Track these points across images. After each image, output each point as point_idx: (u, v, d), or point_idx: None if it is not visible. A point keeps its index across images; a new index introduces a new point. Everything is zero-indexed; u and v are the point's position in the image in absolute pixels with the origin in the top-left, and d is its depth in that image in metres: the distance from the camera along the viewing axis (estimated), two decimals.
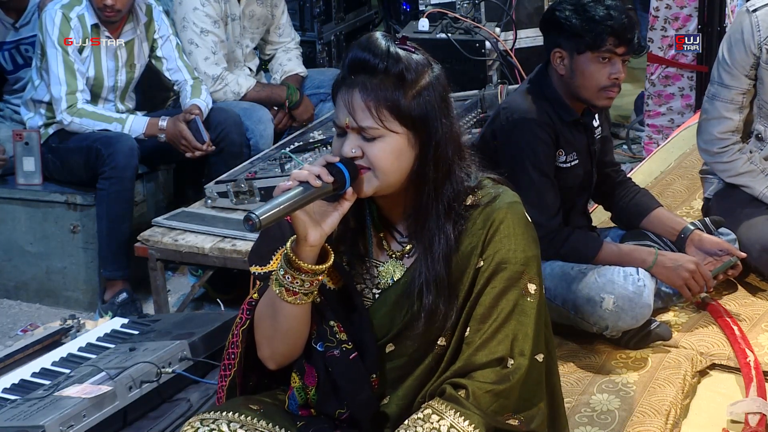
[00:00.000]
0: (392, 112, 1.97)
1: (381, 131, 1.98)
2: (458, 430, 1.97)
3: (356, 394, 2.08)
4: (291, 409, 2.17)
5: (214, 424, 2.03)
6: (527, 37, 5.20)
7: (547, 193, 3.01)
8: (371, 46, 2.01)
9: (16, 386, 2.83)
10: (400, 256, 2.11)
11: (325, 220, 1.96)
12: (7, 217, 4.50)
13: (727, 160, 3.52)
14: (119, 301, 4.23)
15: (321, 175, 1.93)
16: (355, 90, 1.98)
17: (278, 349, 2.08)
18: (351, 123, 1.98)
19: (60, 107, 4.33)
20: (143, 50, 4.57)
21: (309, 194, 1.92)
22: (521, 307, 2.04)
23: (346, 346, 2.07)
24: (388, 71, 1.98)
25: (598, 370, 3.00)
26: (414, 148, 2.01)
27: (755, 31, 3.41)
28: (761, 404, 2.76)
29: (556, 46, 3.04)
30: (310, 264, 1.97)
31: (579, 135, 3.13)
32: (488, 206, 2.06)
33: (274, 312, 2.03)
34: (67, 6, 4.34)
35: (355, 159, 1.98)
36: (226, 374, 2.17)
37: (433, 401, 2.02)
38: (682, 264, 3.06)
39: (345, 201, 1.97)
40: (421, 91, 1.99)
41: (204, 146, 4.38)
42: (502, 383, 2.01)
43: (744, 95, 3.48)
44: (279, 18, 5.20)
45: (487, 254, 2.05)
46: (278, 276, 1.99)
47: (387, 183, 2.00)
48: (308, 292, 2.00)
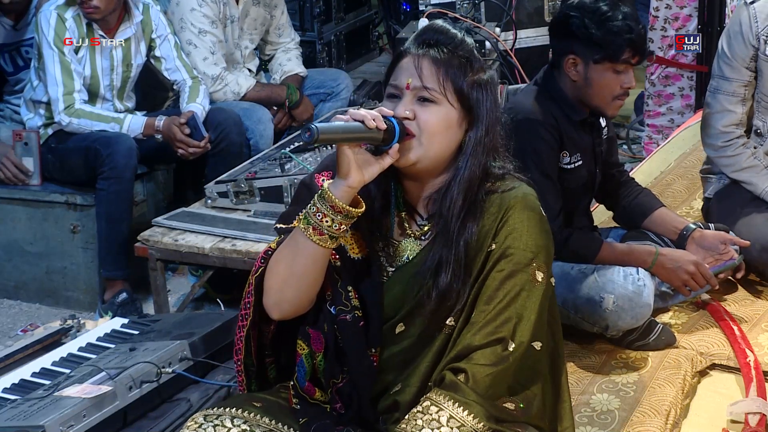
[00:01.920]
0: (455, 85, 2.08)
1: (439, 97, 2.07)
2: (457, 420, 1.98)
3: (360, 360, 2.11)
4: (299, 381, 2.18)
5: (218, 420, 2.06)
6: (527, 37, 5.20)
7: (549, 194, 3.01)
8: (446, 30, 2.13)
9: (16, 386, 2.83)
10: (419, 235, 2.15)
11: (366, 168, 2.01)
12: (7, 217, 4.50)
13: (731, 154, 3.52)
14: (119, 301, 4.23)
15: (377, 120, 1.99)
16: (425, 57, 2.09)
17: (287, 294, 2.08)
18: (414, 82, 2.07)
19: (57, 108, 4.33)
20: (140, 50, 4.56)
21: (362, 132, 1.99)
22: (527, 292, 2.07)
23: (358, 313, 2.11)
24: (457, 52, 2.10)
25: (598, 370, 3.00)
26: (460, 129, 2.10)
27: (753, 22, 3.43)
28: (761, 404, 2.76)
29: (570, 53, 3.03)
30: (345, 204, 2.00)
31: (585, 135, 3.13)
32: (505, 193, 2.12)
33: (294, 253, 2.05)
34: (62, 6, 4.34)
35: (405, 120, 2.05)
36: (243, 324, 2.18)
37: (432, 392, 2.04)
38: (682, 265, 3.06)
39: (387, 156, 2.03)
40: (481, 81, 2.11)
41: (202, 143, 4.38)
42: (500, 364, 2.03)
43: (746, 87, 3.49)
44: (278, 18, 5.20)
45: (498, 238, 2.09)
46: (308, 214, 2.02)
47: (428, 154, 2.07)
48: (334, 235, 2.02)
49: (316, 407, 2.18)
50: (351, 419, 2.15)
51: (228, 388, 2.81)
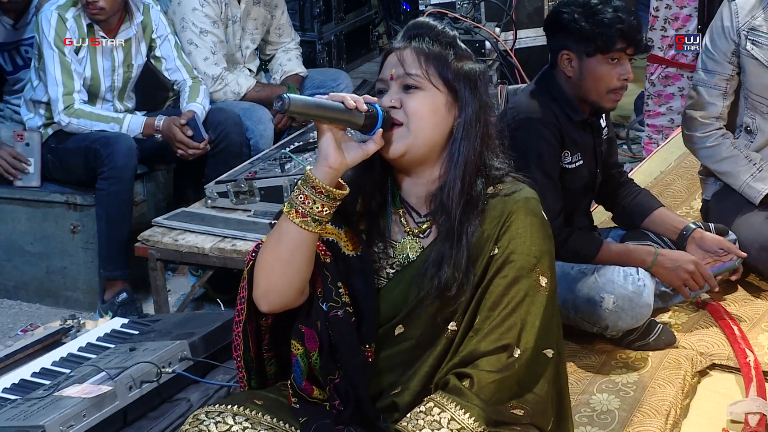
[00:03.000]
0: (438, 71, 2.09)
1: (424, 83, 2.08)
2: (458, 422, 1.98)
3: (352, 356, 2.10)
4: (296, 381, 2.17)
5: (219, 417, 2.06)
6: (527, 37, 5.20)
7: (549, 194, 3.01)
8: (427, 23, 2.16)
9: (16, 386, 2.83)
10: (417, 233, 2.15)
11: (348, 151, 2.02)
12: (7, 217, 4.50)
13: (710, 145, 3.55)
14: (119, 301, 4.23)
15: (357, 101, 2.00)
16: (408, 48, 2.12)
17: (273, 282, 2.06)
18: (397, 71, 2.10)
19: (57, 108, 4.33)
20: (141, 50, 4.56)
21: (340, 111, 2.00)
22: (531, 298, 2.07)
23: (349, 309, 2.10)
24: (440, 40, 2.12)
25: (598, 370, 3.00)
26: (450, 114, 2.10)
27: (734, 17, 3.51)
28: (761, 404, 2.76)
29: (564, 49, 3.04)
30: (326, 185, 2.00)
31: (586, 135, 3.13)
32: (507, 197, 2.12)
33: (278, 239, 2.04)
34: (63, 7, 4.34)
35: (392, 110, 2.07)
36: (240, 319, 2.18)
37: (436, 394, 2.04)
38: (682, 265, 3.06)
39: (371, 143, 2.03)
40: (466, 69, 2.12)
41: (201, 144, 4.38)
42: (506, 371, 2.02)
43: (728, 81, 3.53)
44: (279, 18, 5.20)
45: (501, 243, 2.09)
46: (292, 197, 2.03)
47: (418, 143, 2.07)
48: (317, 218, 2.01)
49: (316, 406, 2.18)
50: (351, 418, 2.14)
51: (228, 388, 2.81)
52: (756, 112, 3.53)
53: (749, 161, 3.51)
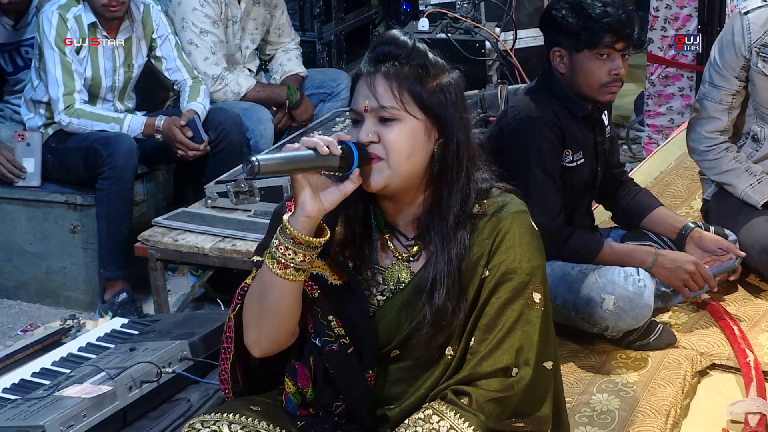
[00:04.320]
0: (413, 96, 1.99)
1: (400, 113, 1.99)
2: (457, 431, 1.97)
3: (353, 386, 2.08)
4: (289, 410, 2.16)
5: (215, 426, 2.03)
6: (527, 37, 5.20)
7: (550, 193, 3.01)
8: (395, 40, 2.04)
9: (16, 386, 2.83)
10: (407, 258, 2.10)
11: (325, 196, 1.94)
12: (7, 217, 4.50)
13: (713, 158, 3.54)
14: (119, 301, 4.23)
15: (330, 146, 1.92)
16: (378, 75, 2.00)
17: (264, 332, 2.03)
18: (371, 104, 1.99)
19: (58, 108, 4.33)
20: (141, 50, 4.57)
21: (313, 160, 1.91)
22: (526, 317, 2.05)
23: (344, 341, 2.07)
24: (412, 61, 2.01)
25: (598, 370, 3.00)
26: (430, 140, 2.01)
27: (746, 33, 3.42)
28: (761, 404, 2.76)
29: (555, 45, 3.05)
30: (305, 235, 1.94)
31: (588, 132, 3.13)
32: (494, 216, 2.06)
33: (263, 290, 2.00)
34: (64, 7, 4.34)
35: (370, 144, 1.98)
36: (227, 357, 2.15)
37: (434, 402, 2.02)
38: (682, 265, 3.06)
39: (349, 182, 1.96)
40: (442, 86, 2.02)
41: (201, 146, 4.38)
42: (506, 391, 2.01)
43: (733, 96, 3.49)
44: (279, 18, 5.20)
45: (492, 264, 2.05)
46: (271, 248, 1.97)
47: (399, 174, 1.99)
48: (299, 267, 1.96)
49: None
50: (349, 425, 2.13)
51: None
52: (765, 122, 3.50)
53: (750, 174, 3.50)
